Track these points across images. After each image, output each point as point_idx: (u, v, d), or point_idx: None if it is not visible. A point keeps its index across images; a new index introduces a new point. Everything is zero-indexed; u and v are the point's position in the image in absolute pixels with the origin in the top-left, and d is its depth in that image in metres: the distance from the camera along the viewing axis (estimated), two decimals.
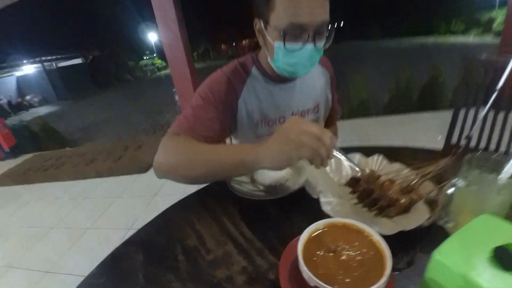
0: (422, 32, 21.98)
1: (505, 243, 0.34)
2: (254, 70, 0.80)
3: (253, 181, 0.72)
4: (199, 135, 0.69)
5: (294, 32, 0.62)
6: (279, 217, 0.61)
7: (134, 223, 2.03)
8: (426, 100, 3.93)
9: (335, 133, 1.11)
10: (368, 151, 0.72)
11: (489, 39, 14.09)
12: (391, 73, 4.47)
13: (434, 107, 3.69)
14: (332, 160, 0.66)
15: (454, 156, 0.64)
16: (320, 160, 0.50)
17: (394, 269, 0.44)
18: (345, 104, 4.18)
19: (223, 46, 28.26)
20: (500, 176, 0.44)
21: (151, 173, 2.88)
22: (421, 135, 2.83)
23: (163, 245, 0.58)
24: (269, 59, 0.73)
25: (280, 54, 0.67)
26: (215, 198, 0.70)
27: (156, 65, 21.60)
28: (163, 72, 20.17)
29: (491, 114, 1.17)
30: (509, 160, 0.44)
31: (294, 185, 0.65)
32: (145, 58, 22.96)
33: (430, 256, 0.36)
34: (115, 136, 4.93)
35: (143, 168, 2.95)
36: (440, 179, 0.55)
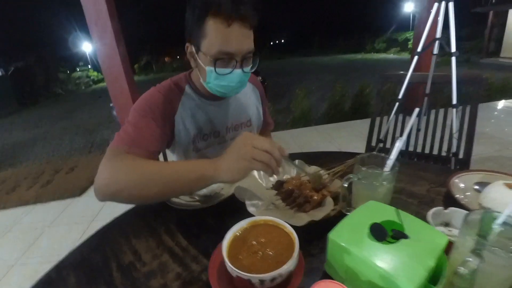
0: (352, 50, 25.04)
1: (381, 221, 0.44)
2: (187, 89, 0.85)
3: (190, 192, 0.76)
4: (143, 150, 0.70)
5: (223, 59, 0.70)
6: (214, 223, 0.65)
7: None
8: (357, 109, 4.44)
9: None
10: (301, 157, 0.80)
11: (406, 56, 16.54)
12: (327, 87, 4.96)
13: (364, 115, 4.19)
14: None
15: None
16: (271, 171, 0.56)
17: (309, 254, 0.52)
18: (287, 114, 4.47)
19: (166, 59, 27.48)
20: (382, 171, 0.56)
21: (87, 196, 2.64)
22: (354, 140, 3.21)
23: (97, 264, 0.57)
24: (201, 80, 0.79)
25: (212, 77, 0.74)
26: (153, 213, 0.71)
27: (92, 77, 19.83)
28: (100, 85, 18.62)
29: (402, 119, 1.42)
30: (388, 158, 0.56)
31: (228, 193, 0.70)
32: (78, 70, 20.89)
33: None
34: (43, 158, 4.37)
35: (77, 192, 2.68)
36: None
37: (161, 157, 0.99)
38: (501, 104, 4.46)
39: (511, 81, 5.29)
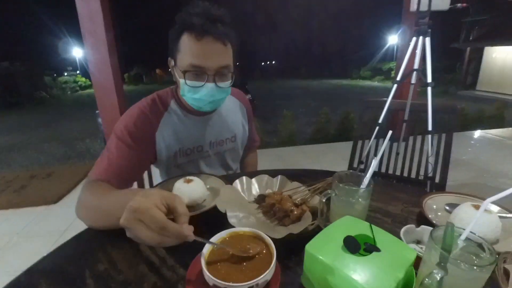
0: (339, 76, 26.27)
1: (354, 235, 0.46)
2: (172, 103, 0.88)
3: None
4: (116, 179, 0.73)
5: (195, 72, 0.75)
6: (194, 233, 0.65)
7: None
8: (341, 132, 4.58)
9: (254, 160, 1.23)
10: (285, 173, 0.83)
11: (389, 84, 17.41)
12: (314, 109, 5.12)
13: (348, 138, 4.32)
14: (244, 181, 0.75)
15: None
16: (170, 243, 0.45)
17: (286, 267, 0.53)
18: (275, 135, 4.54)
19: (157, 71, 27.63)
20: (358, 188, 0.59)
21: (63, 205, 2.54)
22: (338, 160, 3.29)
23: (70, 271, 0.55)
24: (180, 93, 0.83)
25: (185, 90, 0.78)
26: None
27: (79, 83, 19.48)
28: (86, 91, 18.29)
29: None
30: (364, 176, 0.59)
31: (210, 204, 0.70)
32: (66, 74, 20.50)
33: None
34: (19, 165, 4.18)
35: (52, 199, 2.57)
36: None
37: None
38: (477, 133, 4.73)
39: (485, 112, 5.65)
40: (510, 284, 0.45)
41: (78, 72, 22.19)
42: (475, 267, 0.37)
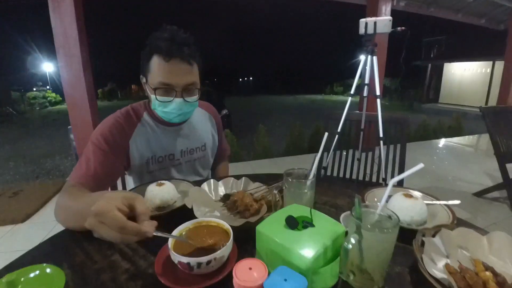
0: (313, 91, 27.47)
1: (296, 216, 0.57)
2: (145, 115, 0.98)
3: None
4: (92, 183, 0.80)
5: (164, 89, 0.86)
6: (164, 228, 0.72)
7: None
8: (313, 145, 4.78)
9: (226, 168, 1.32)
10: (250, 176, 0.92)
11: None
12: (289, 123, 5.32)
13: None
14: (212, 183, 0.84)
15: None
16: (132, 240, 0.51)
17: (244, 250, 0.62)
18: (250, 149, 4.67)
19: (133, 86, 27.23)
20: (303, 180, 0.70)
21: (31, 224, 2.44)
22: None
23: (48, 263, 0.60)
24: (152, 106, 0.93)
25: (156, 104, 0.89)
26: None
27: (49, 98, 18.66)
28: (56, 107, 17.52)
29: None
30: (310, 171, 0.71)
31: (180, 204, 0.78)
32: (35, 89, 19.58)
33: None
34: None
35: (19, 218, 2.46)
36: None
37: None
38: (438, 142, 5.15)
39: (444, 123, 6.17)
40: (425, 251, 0.56)
41: (48, 87, 21.27)
42: (384, 230, 0.49)
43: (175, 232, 0.57)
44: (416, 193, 0.83)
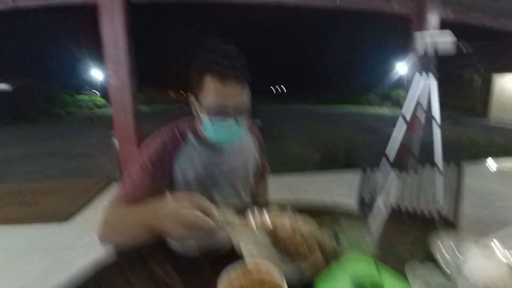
0: (347, 101, 26.36)
1: (361, 275, 0.49)
2: (190, 135, 0.95)
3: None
4: (136, 201, 0.79)
5: (217, 110, 0.81)
6: (211, 271, 0.67)
7: (45, 281, 1.75)
8: (350, 160, 4.56)
9: (264, 187, 1.27)
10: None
11: (398, 111, 17.45)
12: (323, 135, 5.16)
13: (355, 166, 4.29)
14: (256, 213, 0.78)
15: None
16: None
17: None
18: (281, 159, 4.56)
19: (171, 93, 28.65)
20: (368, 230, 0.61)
21: (72, 223, 2.58)
22: (345, 190, 3.20)
23: None
24: (201, 127, 0.89)
25: (208, 126, 0.84)
26: (150, 250, 0.73)
27: (95, 102, 20.30)
28: (102, 110, 18.92)
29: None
30: (370, 226, 0.62)
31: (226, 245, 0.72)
32: (83, 93, 21.47)
33: None
34: (27, 177, 4.30)
35: (62, 217, 2.61)
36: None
37: None
38: (488, 163, 4.62)
39: (496, 140, 5.52)
40: None
41: (94, 91, 23.16)
42: None
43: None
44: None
